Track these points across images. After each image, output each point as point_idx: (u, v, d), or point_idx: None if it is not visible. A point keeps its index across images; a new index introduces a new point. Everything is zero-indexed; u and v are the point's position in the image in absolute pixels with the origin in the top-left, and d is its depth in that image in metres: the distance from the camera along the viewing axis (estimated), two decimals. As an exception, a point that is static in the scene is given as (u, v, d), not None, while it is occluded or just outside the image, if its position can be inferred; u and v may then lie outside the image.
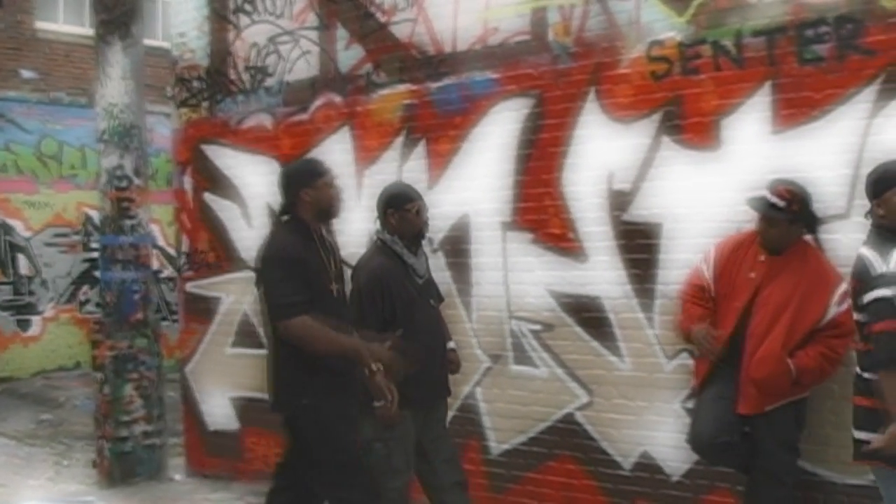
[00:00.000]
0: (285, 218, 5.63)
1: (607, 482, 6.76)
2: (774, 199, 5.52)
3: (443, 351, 6.12)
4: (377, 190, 7.68)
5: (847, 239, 5.68)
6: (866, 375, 4.74)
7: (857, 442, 4.83)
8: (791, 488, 5.62)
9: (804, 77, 5.84)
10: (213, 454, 9.13)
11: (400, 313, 5.79)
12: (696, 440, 5.79)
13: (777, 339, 5.43)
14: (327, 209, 5.63)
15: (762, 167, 5.84)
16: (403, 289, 5.86)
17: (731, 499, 6.15)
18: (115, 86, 8.86)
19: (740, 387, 5.56)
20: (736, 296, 5.66)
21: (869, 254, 4.71)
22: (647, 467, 6.54)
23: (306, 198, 5.50)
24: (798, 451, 5.67)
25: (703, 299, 5.87)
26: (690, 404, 6.13)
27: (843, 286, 5.49)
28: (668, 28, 6.36)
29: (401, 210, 5.95)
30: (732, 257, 5.77)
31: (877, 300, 4.61)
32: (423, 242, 6.21)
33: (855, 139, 5.67)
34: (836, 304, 5.48)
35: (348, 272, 5.95)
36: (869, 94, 5.63)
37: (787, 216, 5.54)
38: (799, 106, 5.86)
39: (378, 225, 6.07)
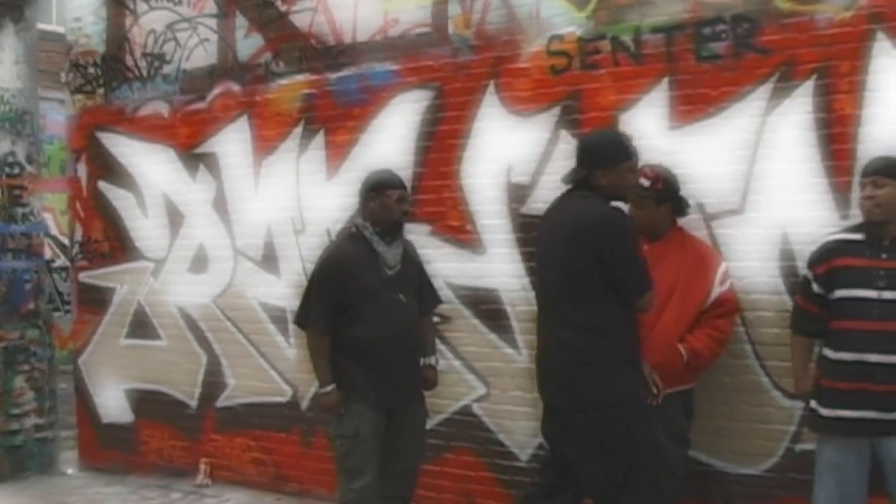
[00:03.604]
0: (579, 192, 5.17)
1: (504, 474, 6.79)
2: (640, 180, 5.53)
3: (410, 352, 5.81)
4: (274, 180, 7.69)
5: (741, 234, 5.79)
6: None
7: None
8: (681, 479, 5.66)
9: (701, 74, 5.91)
10: (106, 447, 8.98)
11: (355, 303, 5.60)
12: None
13: (667, 323, 5.50)
14: (622, 196, 5.20)
15: (659, 162, 5.87)
16: (363, 278, 5.64)
17: (626, 490, 6.20)
18: (7, 70, 8.71)
19: None
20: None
21: None
22: (544, 459, 6.55)
23: (603, 180, 5.05)
24: (688, 442, 5.71)
25: None
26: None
27: (724, 266, 5.63)
28: (568, 23, 6.39)
29: (382, 196, 5.68)
30: None
31: None
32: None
33: (749, 136, 5.77)
34: (719, 284, 5.61)
35: None
36: (764, 91, 5.72)
37: (653, 195, 5.63)
38: (695, 102, 5.94)
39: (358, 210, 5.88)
